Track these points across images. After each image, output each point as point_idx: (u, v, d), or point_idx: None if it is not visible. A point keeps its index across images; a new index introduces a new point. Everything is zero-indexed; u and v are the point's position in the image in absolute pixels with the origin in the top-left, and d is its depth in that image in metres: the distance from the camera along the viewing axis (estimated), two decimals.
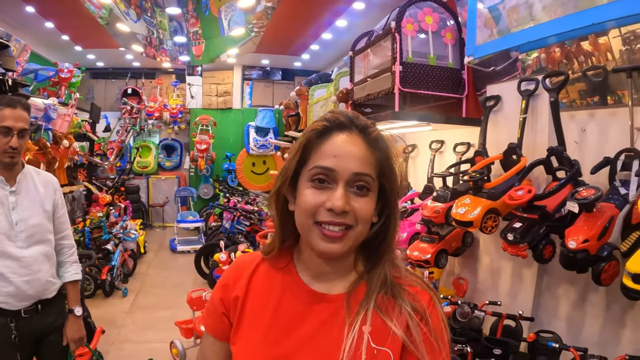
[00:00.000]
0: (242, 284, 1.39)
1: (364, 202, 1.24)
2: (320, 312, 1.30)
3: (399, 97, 4.08)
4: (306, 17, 7.64)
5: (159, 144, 12.46)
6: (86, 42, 9.64)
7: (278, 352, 1.28)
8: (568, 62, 3.38)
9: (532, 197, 3.05)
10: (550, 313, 3.56)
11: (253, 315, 1.35)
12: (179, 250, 9.59)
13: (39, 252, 2.74)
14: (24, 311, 2.66)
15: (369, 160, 1.25)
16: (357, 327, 1.22)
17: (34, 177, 2.81)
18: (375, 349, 1.21)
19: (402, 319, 1.23)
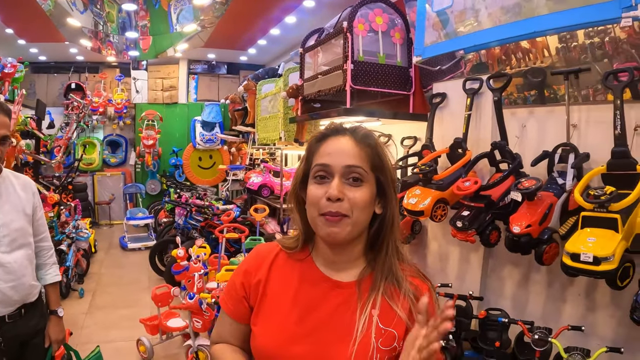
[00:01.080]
0: (263, 270, 1.58)
1: (358, 192, 1.43)
2: (335, 297, 1.50)
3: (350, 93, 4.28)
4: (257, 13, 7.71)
5: (104, 140, 12.19)
6: (30, 36, 9.38)
7: (298, 332, 1.46)
8: (506, 58, 3.63)
9: (478, 187, 3.32)
10: (497, 293, 3.85)
11: (274, 299, 1.54)
12: (130, 248, 9.50)
13: (22, 256, 2.69)
14: (8, 317, 2.62)
15: (359, 155, 1.46)
16: (367, 311, 1.43)
17: (12, 180, 2.74)
18: (383, 330, 1.42)
19: (406, 304, 1.45)
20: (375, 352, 1.39)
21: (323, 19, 6.66)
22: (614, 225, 2.57)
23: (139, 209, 10.36)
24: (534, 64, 3.45)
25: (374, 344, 1.40)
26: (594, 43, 2.99)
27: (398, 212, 1.55)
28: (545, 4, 3.00)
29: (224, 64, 12.44)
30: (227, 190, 9.30)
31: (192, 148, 11.77)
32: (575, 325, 2.97)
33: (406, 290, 1.46)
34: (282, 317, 1.50)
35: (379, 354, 1.39)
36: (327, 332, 1.45)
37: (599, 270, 2.49)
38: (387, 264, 1.50)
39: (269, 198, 6.84)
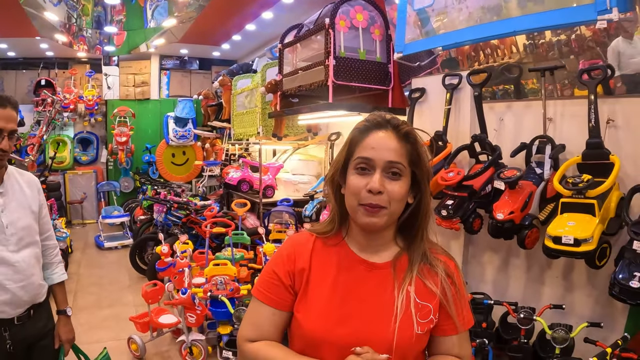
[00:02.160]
0: (305, 258, 1.68)
1: (397, 185, 1.55)
2: (373, 278, 1.63)
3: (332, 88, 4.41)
4: (233, 10, 7.76)
5: (74, 137, 11.96)
6: (1, 31, 9.26)
7: (342, 314, 1.58)
8: (476, 54, 3.85)
9: (462, 178, 3.51)
10: (478, 278, 4.06)
11: (317, 285, 1.64)
12: (106, 247, 9.40)
13: (30, 255, 2.64)
14: (17, 318, 2.57)
15: (401, 152, 1.57)
16: (405, 289, 1.57)
17: (17, 177, 2.69)
18: (419, 304, 1.57)
19: (437, 280, 1.60)
20: (416, 324, 1.54)
21: (300, 15, 6.82)
22: (592, 210, 2.78)
23: (114, 207, 10.23)
24: (502, 59, 3.65)
25: (414, 317, 1.55)
26: (560, 40, 3.20)
27: (430, 202, 1.68)
28: (525, 6, 3.18)
29: (196, 59, 12.42)
30: (203, 187, 9.33)
31: (165, 144, 11.66)
32: (557, 304, 3.19)
33: (437, 268, 1.61)
34: (325, 301, 1.61)
35: (419, 326, 1.54)
36: (369, 311, 1.58)
37: (580, 251, 2.70)
38: (422, 248, 1.64)
39: (248, 193, 6.93)
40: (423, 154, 1.61)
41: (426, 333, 1.59)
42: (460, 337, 1.63)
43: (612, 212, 2.86)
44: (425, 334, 1.59)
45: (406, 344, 1.54)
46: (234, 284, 4.59)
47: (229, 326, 4.42)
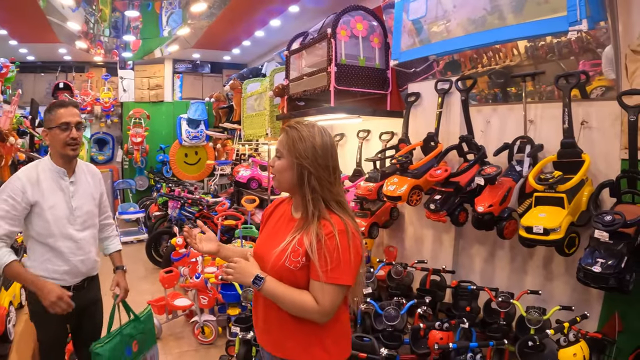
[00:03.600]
0: (269, 211, 2.48)
1: (278, 163, 2.21)
2: (288, 226, 2.26)
3: (333, 93, 4.71)
4: (244, 18, 8.03)
5: (91, 137, 12.24)
6: (23, 37, 9.55)
7: (262, 241, 2.37)
8: (478, 56, 4.09)
9: (448, 175, 3.85)
10: (467, 269, 4.39)
11: (268, 225, 2.43)
12: (123, 241, 9.38)
13: (91, 235, 3.12)
14: (73, 287, 3.01)
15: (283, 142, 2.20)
16: (293, 235, 2.16)
17: (84, 169, 3.16)
18: (295, 247, 2.11)
19: (310, 236, 2.08)
20: (287, 258, 2.11)
21: (305, 23, 7.10)
22: (561, 203, 3.10)
23: (129, 204, 10.60)
24: (504, 62, 3.90)
25: (287, 252, 2.12)
26: (560, 42, 3.42)
27: (316, 183, 2.17)
28: (506, 18, 3.48)
29: (208, 63, 12.68)
30: (215, 185, 9.63)
31: (179, 145, 11.96)
32: (534, 290, 3.52)
33: (312, 228, 2.10)
34: (263, 234, 2.45)
35: (289, 260, 2.11)
36: (271, 243, 2.25)
37: (548, 239, 3.02)
38: (310, 214, 2.15)
39: (256, 190, 7.27)
40: (297, 144, 2.15)
41: (297, 269, 2.10)
42: (321, 285, 2.05)
43: (583, 205, 3.17)
44: (297, 270, 2.10)
45: (275, 266, 2.13)
46: None
47: (238, 308, 4.77)
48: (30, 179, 2.89)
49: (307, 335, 2.15)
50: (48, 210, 2.89)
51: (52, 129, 2.93)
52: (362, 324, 3.88)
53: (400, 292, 4.11)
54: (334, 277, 2.04)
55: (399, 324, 3.51)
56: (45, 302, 2.72)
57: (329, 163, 2.17)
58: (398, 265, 4.26)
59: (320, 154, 2.14)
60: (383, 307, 3.59)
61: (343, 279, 2.05)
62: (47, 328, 3.04)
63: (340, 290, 2.08)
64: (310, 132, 2.15)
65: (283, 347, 2.19)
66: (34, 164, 3.01)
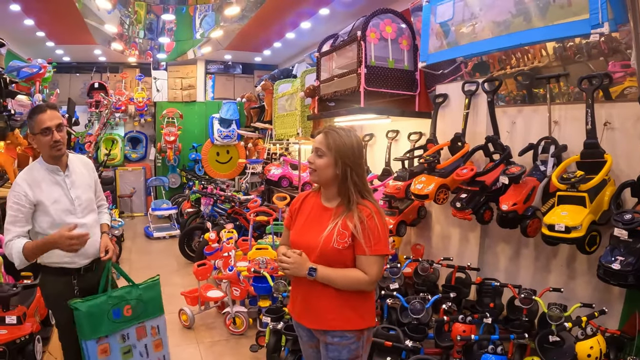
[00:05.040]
0: (298, 203, 2.75)
1: (319, 160, 2.51)
2: (324, 214, 2.57)
3: (363, 94, 4.82)
4: (275, 20, 8.13)
5: (125, 136, 12.57)
6: (60, 38, 9.76)
7: (303, 230, 2.61)
8: (506, 57, 4.16)
9: (474, 174, 3.95)
10: (492, 267, 4.48)
11: (300, 216, 2.69)
12: (155, 237, 9.93)
13: (92, 219, 3.30)
14: (83, 269, 3.19)
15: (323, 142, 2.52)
16: (335, 221, 2.48)
17: (75, 161, 3.33)
18: (340, 230, 2.44)
19: (353, 220, 2.42)
20: (335, 241, 2.44)
21: (335, 25, 7.24)
22: (583, 202, 3.18)
23: (163, 201, 10.74)
24: (532, 63, 3.97)
25: (334, 236, 2.44)
26: (589, 43, 3.46)
27: (354, 175, 2.50)
28: (530, 20, 3.55)
29: (239, 64, 12.80)
30: (246, 183, 9.79)
31: (210, 144, 12.17)
32: (556, 288, 3.60)
33: (354, 213, 2.45)
34: (300, 224, 2.67)
35: (336, 243, 2.44)
36: (314, 231, 2.54)
37: (570, 237, 3.11)
38: (349, 202, 2.49)
39: (287, 188, 7.44)
40: (340, 146, 2.47)
41: (344, 249, 2.44)
42: (368, 258, 2.42)
43: (605, 204, 3.24)
44: (344, 249, 2.44)
45: (325, 249, 2.44)
46: (275, 264, 4.98)
47: (269, 301, 4.89)
48: (29, 181, 3.06)
49: (346, 307, 2.49)
50: (51, 206, 3.07)
51: (36, 135, 3.08)
52: (388, 317, 3.99)
53: (426, 288, 4.22)
54: (378, 249, 2.42)
55: (423, 317, 3.61)
56: (65, 248, 2.86)
57: (362, 161, 2.55)
58: (424, 262, 4.35)
59: (357, 154, 2.52)
60: (409, 301, 3.70)
61: (384, 250, 2.46)
62: (59, 310, 3.18)
63: (383, 259, 2.50)
64: (349, 135, 2.51)
65: (324, 320, 2.52)
66: (29, 167, 3.19)
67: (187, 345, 4.92)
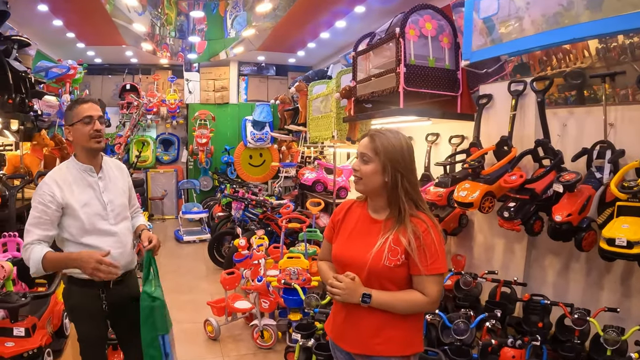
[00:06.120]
0: (342, 214, 2.52)
1: (365, 167, 2.29)
2: (372, 227, 2.34)
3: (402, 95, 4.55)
4: (309, 19, 7.97)
5: (157, 138, 12.56)
6: (90, 39, 9.77)
7: (348, 245, 2.38)
8: (547, 59, 3.93)
9: (523, 181, 3.63)
10: (539, 281, 4.15)
11: (343, 228, 2.47)
12: (185, 240, 9.86)
13: (125, 227, 3.09)
14: (113, 282, 2.97)
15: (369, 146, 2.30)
16: (386, 236, 2.24)
17: (110, 164, 3.15)
18: (392, 247, 2.20)
19: (407, 235, 2.19)
20: (385, 258, 2.20)
21: (371, 23, 7.01)
22: None
23: (193, 204, 10.72)
24: (574, 64, 3.72)
25: (385, 253, 2.21)
26: (633, 43, 3.23)
27: (405, 183, 2.25)
28: (584, 13, 3.24)
29: (273, 65, 12.72)
30: (279, 187, 9.64)
31: (243, 146, 12.01)
32: (611, 307, 3.28)
33: (408, 227, 2.21)
34: (344, 238, 2.44)
35: (388, 260, 2.20)
36: (361, 246, 2.32)
37: (632, 253, 2.79)
38: (401, 214, 2.25)
39: (321, 193, 7.24)
40: (388, 150, 2.24)
41: (397, 267, 2.21)
42: (425, 278, 2.19)
43: None
44: (396, 267, 2.21)
45: (375, 267, 2.21)
46: (307, 274, 4.84)
47: (299, 314, 4.67)
48: (58, 181, 2.87)
49: (394, 330, 2.27)
50: (81, 210, 2.86)
51: (74, 124, 2.91)
52: (427, 335, 3.71)
53: (468, 304, 3.94)
54: (435, 268, 2.19)
55: (467, 338, 3.34)
56: (87, 271, 2.66)
57: (413, 165, 2.32)
58: (467, 275, 4.08)
59: (408, 158, 2.28)
60: (451, 320, 3.43)
61: (442, 268, 2.22)
62: (84, 324, 3.02)
63: (442, 277, 2.27)
64: (397, 138, 2.28)
65: (368, 344, 2.30)
66: (59, 167, 3.01)
67: (211, 358, 4.73)
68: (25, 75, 5.00)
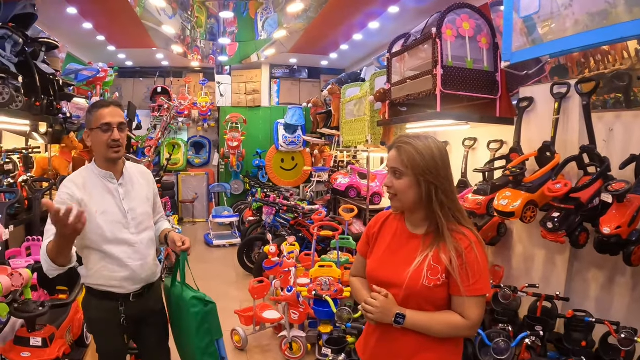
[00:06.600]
0: (377, 227, 2.37)
1: (398, 182, 2.12)
2: (410, 242, 2.19)
3: (440, 98, 4.37)
4: (342, 21, 7.84)
5: (188, 141, 12.53)
6: (120, 42, 9.79)
7: (383, 261, 2.22)
8: (586, 60, 3.74)
9: (569, 189, 3.41)
10: (582, 295, 3.91)
11: (379, 243, 2.31)
12: (215, 245, 9.79)
13: (147, 237, 2.97)
14: (132, 295, 2.88)
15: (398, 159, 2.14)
16: (425, 253, 2.08)
17: (133, 170, 3.03)
18: (432, 265, 2.05)
19: (448, 253, 2.02)
20: (425, 277, 2.05)
21: (405, 24, 6.84)
22: None
23: (224, 208, 10.60)
24: (613, 66, 3.52)
25: (424, 272, 2.05)
26: None
27: (443, 196, 2.09)
28: (632, 10, 3.03)
29: (305, 68, 12.64)
30: (311, 191, 9.52)
31: (275, 150, 12.01)
32: None
33: (449, 244, 2.04)
34: (379, 253, 2.28)
35: (427, 279, 2.04)
36: (397, 262, 2.16)
37: None
38: (441, 229, 2.08)
39: (355, 199, 7.10)
40: (418, 160, 2.07)
41: (437, 287, 2.04)
42: (466, 300, 2.02)
43: None
44: (436, 287, 2.04)
45: (413, 288, 2.05)
46: (338, 285, 4.68)
47: (330, 326, 4.51)
48: (78, 185, 2.77)
49: (431, 353, 2.11)
50: (100, 216, 2.75)
51: (93, 130, 2.79)
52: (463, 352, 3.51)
53: (507, 319, 3.74)
54: (477, 289, 2.03)
55: (507, 358, 3.14)
56: (59, 228, 2.31)
57: (449, 173, 2.13)
58: (506, 288, 3.87)
59: (441, 166, 2.08)
60: (490, 337, 3.23)
61: (485, 289, 2.05)
62: (101, 338, 2.94)
63: (484, 300, 2.09)
64: (426, 145, 2.09)
65: None
66: (78, 171, 2.90)
67: None
68: (53, 77, 4.95)
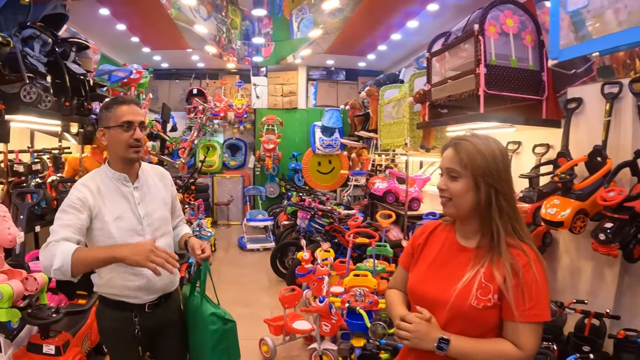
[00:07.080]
0: (423, 237, 2.17)
1: (454, 185, 1.93)
2: (459, 256, 1.99)
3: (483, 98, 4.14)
4: (379, 20, 7.69)
5: (224, 143, 12.57)
6: (154, 44, 9.82)
7: (427, 275, 2.03)
8: (631, 62, 3.50)
9: (623, 198, 3.14)
10: (633, 312, 3.62)
11: (424, 255, 2.12)
12: (249, 249, 9.71)
13: (165, 244, 2.77)
14: (148, 305, 2.72)
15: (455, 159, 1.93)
16: (476, 269, 1.88)
17: (150, 172, 2.88)
18: (483, 283, 1.84)
19: (502, 270, 1.81)
20: (473, 297, 1.84)
21: (445, 23, 6.65)
22: None
23: (258, 211, 10.56)
24: None
25: (474, 290, 1.85)
26: None
27: (503, 205, 1.90)
28: None
29: (342, 70, 12.54)
30: (348, 196, 9.35)
31: (312, 153, 11.88)
32: None
33: (505, 260, 1.83)
34: (423, 266, 2.09)
35: (476, 299, 1.84)
36: (443, 278, 1.97)
37: None
38: (495, 242, 1.89)
39: (392, 204, 6.92)
40: (478, 160, 1.88)
41: (486, 309, 1.83)
42: (520, 326, 1.79)
43: None
44: (485, 309, 1.83)
45: (459, 308, 1.85)
46: (373, 296, 4.49)
47: (363, 339, 4.31)
48: (90, 188, 2.60)
49: None
50: (113, 223, 2.58)
51: (110, 128, 2.62)
52: None
53: (552, 337, 3.48)
54: (534, 315, 1.81)
55: None
56: (141, 261, 2.24)
57: (510, 177, 1.95)
58: (553, 304, 3.61)
59: (503, 168, 1.91)
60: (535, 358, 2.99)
61: (543, 315, 1.83)
62: (114, 349, 2.79)
63: (541, 327, 1.86)
64: (487, 144, 1.92)
65: None
66: (91, 174, 2.73)
67: None
68: (84, 78, 4.88)
